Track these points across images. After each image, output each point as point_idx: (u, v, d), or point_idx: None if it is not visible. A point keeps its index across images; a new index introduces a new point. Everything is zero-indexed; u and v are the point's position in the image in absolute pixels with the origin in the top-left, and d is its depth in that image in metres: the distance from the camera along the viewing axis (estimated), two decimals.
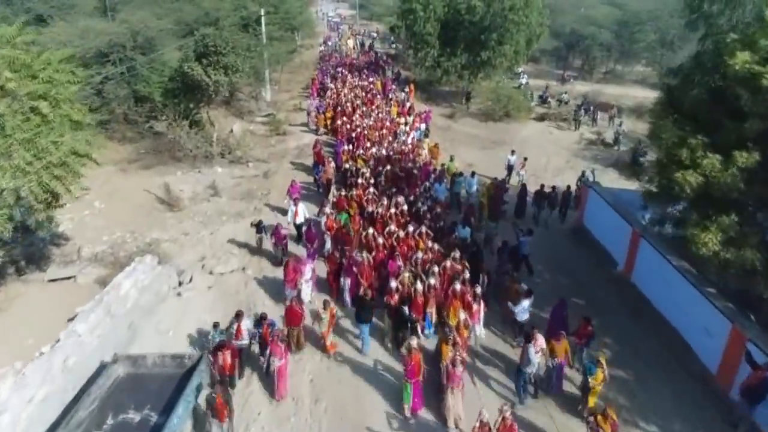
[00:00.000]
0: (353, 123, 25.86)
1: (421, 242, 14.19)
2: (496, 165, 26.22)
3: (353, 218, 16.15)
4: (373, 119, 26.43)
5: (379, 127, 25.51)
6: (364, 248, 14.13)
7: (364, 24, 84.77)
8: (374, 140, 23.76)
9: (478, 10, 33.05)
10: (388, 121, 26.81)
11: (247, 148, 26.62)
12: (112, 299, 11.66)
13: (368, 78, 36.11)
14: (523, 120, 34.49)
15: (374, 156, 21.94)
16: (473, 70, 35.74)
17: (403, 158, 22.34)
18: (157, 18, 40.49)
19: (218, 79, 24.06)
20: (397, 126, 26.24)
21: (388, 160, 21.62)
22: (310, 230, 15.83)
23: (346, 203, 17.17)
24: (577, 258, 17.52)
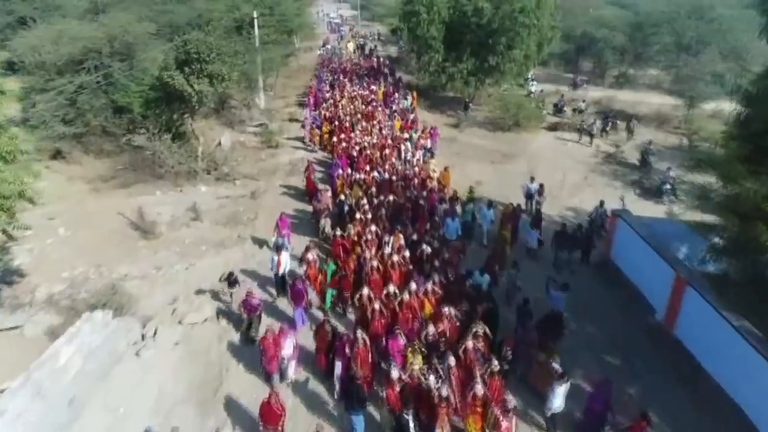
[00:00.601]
0: (352, 140, 23.56)
1: (427, 303, 11.75)
2: (509, 183, 23.98)
3: (347, 266, 13.52)
4: (375, 136, 24.25)
5: (380, 145, 23.03)
6: (357, 312, 11.79)
7: (365, 25, 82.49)
8: (375, 161, 21.36)
9: (486, 13, 30.78)
10: (390, 137, 24.51)
11: (235, 163, 24.41)
12: (45, 375, 9.44)
13: (369, 86, 33.91)
14: (534, 130, 32.17)
15: (375, 181, 19.40)
16: (480, 76, 33.46)
17: (408, 184, 19.77)
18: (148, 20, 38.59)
19: (202, 89, 21.83)
20: (401, 142, 23.88)
21: (391, 187, 18.99)
22: (295, 287, 12.87)
23: (342, 249, 14.58)
24: (605, 300, 15.22)
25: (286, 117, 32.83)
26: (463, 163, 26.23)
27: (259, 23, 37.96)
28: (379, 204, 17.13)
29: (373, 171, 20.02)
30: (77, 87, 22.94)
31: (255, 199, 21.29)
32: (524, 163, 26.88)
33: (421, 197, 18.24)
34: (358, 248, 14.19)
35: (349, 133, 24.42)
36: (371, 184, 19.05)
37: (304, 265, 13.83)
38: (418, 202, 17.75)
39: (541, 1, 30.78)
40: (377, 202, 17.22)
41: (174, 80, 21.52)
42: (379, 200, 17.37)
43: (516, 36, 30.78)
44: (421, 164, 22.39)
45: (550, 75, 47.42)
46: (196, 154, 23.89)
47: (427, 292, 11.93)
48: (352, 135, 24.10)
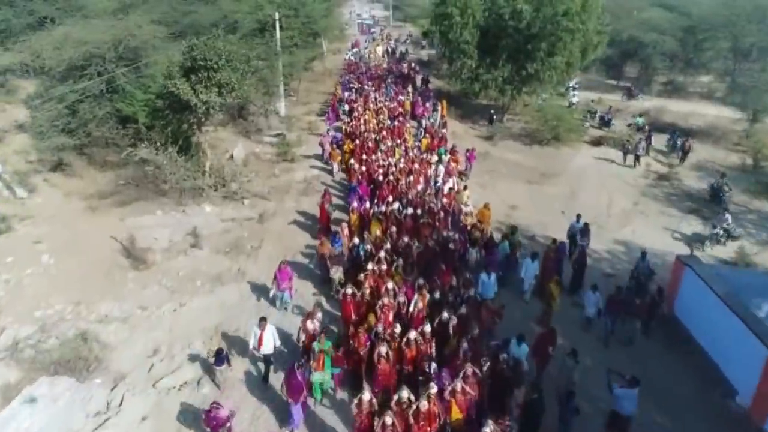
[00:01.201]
0: (375, 162, 20.78)
1: (455, 407, 8.79)
2: (547, 207, 21.39)
3: (356, 339, 10.58)
4: (401, 158, 21.46)
5: (407, 170, 20.07)
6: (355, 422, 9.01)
7: (397, 26, 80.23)
8: (400, 190, 18.39)
9: (525, 16, 28.05)
10: (418, 160, 21.58)
11: (245, 179, 22.37)
12: None
13: (396, 95, 31.52)
14: (574, 145, 29.28)
15: (396, 218, 16.29)
16: (517, 84, 30.70)
17: (434, 221, 16.54)
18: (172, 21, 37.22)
19: (209, 99, 19.84)
20: (428, 166, 21.23)
21: (415, 225, 15.98)
22: (291, 378, 9.59)
23: (354, 310, 11.78)
24: (667, 369, 12.50)
25: (306, 126, 30.75)
26: (495, 182, 23.65)
27: (282, 25, 36.21)
28: (398, 249, 14.31)
29: (395, 202, 17.12)
30: (80, 95, 21.28)
31: (262, 223, 19.17)
32: (564, 184, 24.18)
33: (451, 240, 14.98)
34: (372, 316, 11.49)
35: (372, 154, 21.79)
36: (392, 221, 16.06)
37: (303, 335, 11.09)
38: (447, 248, 14.60)
39: (587, 4, 27.87)
40: (397, 246, 14.46)
41: (179, 89, 19.59)
42: (400, 243, 14.55)
43: (558, 41, 27.96)
44: (453, 193, 19.32)
45: (592, 81, 44.12)
46: (203, 169, 21.96)
47: (455, 391, 8.97)
48: (374, 156, 21.42)
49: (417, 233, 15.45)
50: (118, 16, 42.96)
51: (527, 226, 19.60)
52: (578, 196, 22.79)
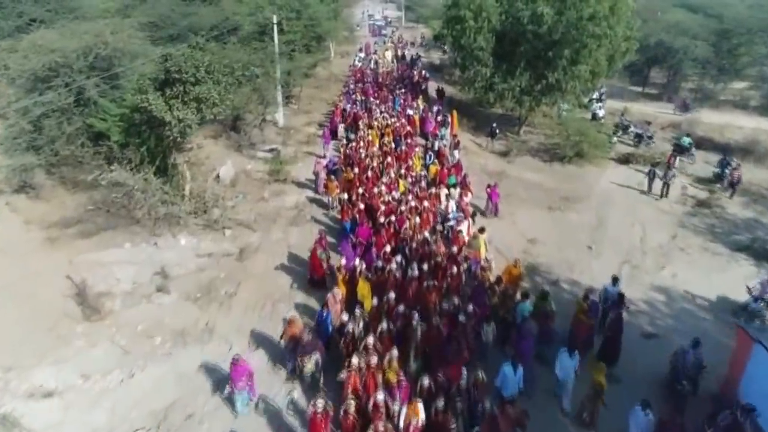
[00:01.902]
0: (376, 197, 17.69)
1: None
2: (573, 241, 18.68)
3: None
4: (407, 191, 18.50)
5: (415, 209, 16.93)
6: None
7: (409, 27, 77.64)
8: (402, 236, 15.33)
9: (546, 20, 25.26)
10: (426, 195, 18.35)
11: (230, 205, 19.92)
12: None
13: (404, 109, 28.58)
14: (599, 162, 26.42)
15: (396, 278, 12.95)
16: (536, 95, 27.90)
17: (444, 282, 13.32)
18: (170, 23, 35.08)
19: (186, 116, 17.42)
20: (438, 200, 18.39)
21: (420, 287, 12.65)
22: None
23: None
24: None
25: (304, 139, 28.28)
26: (513, 208, 20.92)
27: (283, 28, 33.80)
28: (396, 325, 11.13)
29: (396, 254, 14.03)
30: (45, 108, 19.00)
31: (242, 260, 16.69)
32: (590, 210, 21.39)
33: (463, 311, 11.64)
34: None
35: (373, 186, 18.64)
36: (391, 284, 12.60)
37: None
38: (455, 320, 11.32)
39: (615, 7, 25.01)
40: (395, 321, 11.26)
41: (152, 105, 17.19)
42: (397, 320, 11.28)
43: (583, 48, 25.14)
44: (465, 237, 16.00)
45: (614, 88, 41.02)
46: (182, 193, 19.58)
47: None
48: (376, 189, 18.23)
49: (423, 300, 12.33)
50: (113, 18, 41.50)
51: (549, 267, 16.89)
52: (606, 226, 20.00)
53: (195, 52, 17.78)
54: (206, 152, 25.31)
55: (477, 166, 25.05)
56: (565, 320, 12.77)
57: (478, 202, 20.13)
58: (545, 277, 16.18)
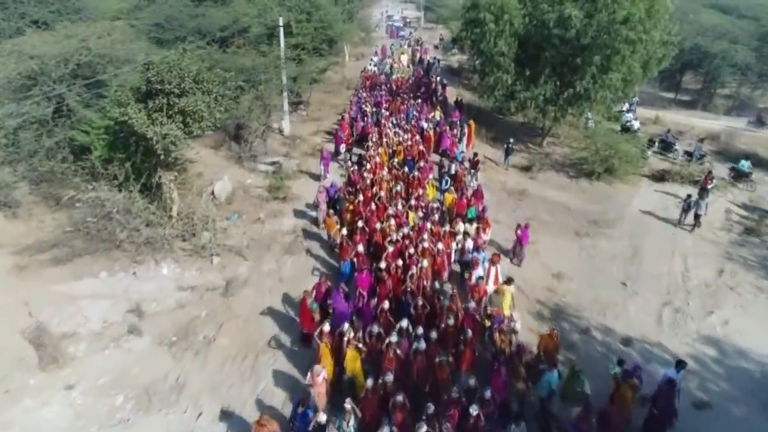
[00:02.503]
0: (382, 232, 15.31)
1: None
2: (606, 277, 16.47)
3: None
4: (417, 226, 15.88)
5: (428, 251, 14.22)
6: None
7: (429, 27, 75.56)
8: (406, 290, 12.69)
9: (575, 23, 22.97)
10: (440, 232, 15.55)
11: (221, 228, 18.07)
12: None
13: (417, 122, 26.03)
14: (631, 179, 24.04)
15: (397, 355, 10.38)
16: (562, 105, 25.59)
17: (456, 352, 11.05)
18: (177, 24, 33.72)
19: (169, 131, 15.59)
20: (453, 238, 15.54)
21: (427, 367, 10.33)
22: None
23: None
24: None
25: (310, 150, 26.37)
26: (536, 235, 18.62)
27: (292, 30, 31.99)
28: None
29: (398, 316, 11.57)
30: (21, 120, 17.41)
31: (228, 296, 14.81)
32: (623, 237, 19.12)
33: (478, 398, 9.32)
34: None
35: (377, 219, 16.02)
36: (390, 360, 10.23)
37: None
38: (465, 412, 8.90)
39: (652, 9, 22.60)
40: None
41: (132, 119, 15.42)
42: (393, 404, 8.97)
43: (615, 55, 22.78)
44: (484, 287, 13.30)
45: (644, 94, 38.37)
46: (170, 213, 17.80)
47: None
48: (379, 225, 15.57)
49: (432, 380, 9.98)
50: (119, 19, 40.19)
51: (578, 309, 14.70)
52: (642, 258, 17.70)
53: (182, 58, 15.90)
54: (204, 164, 23.59)
55: (496, 184, 22.89)
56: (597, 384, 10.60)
57: (500, 232, 17.93)
58: (573, 323, 14.00)
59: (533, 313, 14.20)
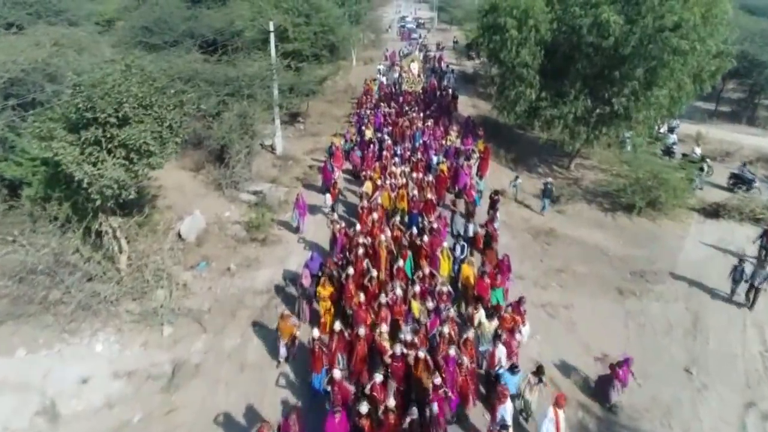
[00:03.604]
0: (370, 338, 10.90)
1: None
2: (661, 357, 12.76)
3: None
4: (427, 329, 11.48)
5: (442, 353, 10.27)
6: None
7: (442, 29, 72.03)
8: None
9: (613, 30, 19.29)
10: (455, 336, 10.97)
11: (181, 284, 14.70)
12: None
13: (426, 153, 21.69)
14: (678, 215, 20.29)
15: None
16: (596, 125, 21.88)
17: None
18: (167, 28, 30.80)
19: (103, 172, 12.21)
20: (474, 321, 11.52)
21: None
22: None
23: None
24: None
25: (301, 174, 22.97)
26: (569, 294, 15.11)
27: (289, 35, 28.68)
28: None
29: None
30: None
31: (172, 391, 11.38)
32: (677, 296, 15.42)
33: None
34: None
35: (366, 316, 11.44)
36: None
37: None
38: None
39: (710, 13, 18.85)
40: None
41: (59, 155, 12.10)
42: None
43: (662, 67, 19.09)
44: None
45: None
46: (117, 265, 14.48)
47: None
48: (365, 329, 10.86)
49: None
50: (105, 22, 37.08)
51: (632, 414, 11.06)
52: (706, 330, 14.01)
53: (125, 77, 12.50)
54: (179, 191, 20.34)
55: (517, 221, 19.31)
56: None
57: (524, 293, 14.32)
58: None
59: (575, 426, 10.58)
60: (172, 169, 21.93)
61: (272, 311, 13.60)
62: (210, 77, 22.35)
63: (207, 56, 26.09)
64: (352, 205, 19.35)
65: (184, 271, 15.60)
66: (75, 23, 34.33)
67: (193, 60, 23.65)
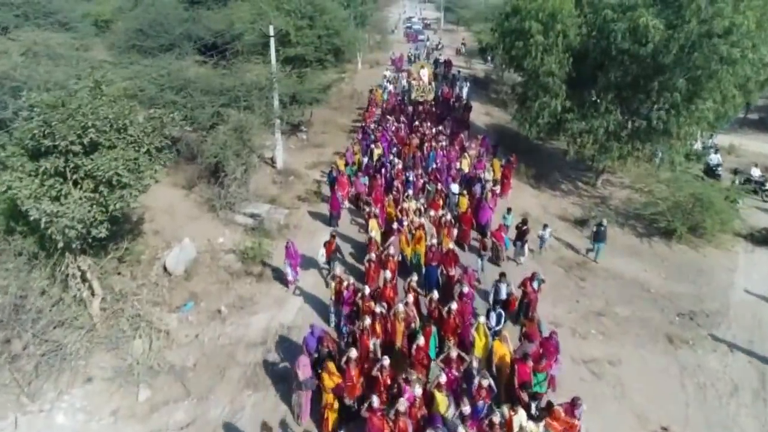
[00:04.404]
0: None
1: None
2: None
3: None
4: None
5: None
6: None
7: (448, 29, 69.96)
8: None
9: (653, 36, 17.21)
10: None
11: (162, 332, 12.70)
12: None
13: (440, 178, 18.89)
14: (723, 241, 18.16)
15: None
16: (630, 140, 19.77)
17: None
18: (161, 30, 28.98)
19: (67, 210, 10.23)
20: None
21: None
22: None
23: None
24: None
25: (304, 193, 20.97)
26: (612, 345, 13.02)
27: (291, 39, 26.73)
28: None
29: None
30: None
31: None
32: (737, 348, 13.25)
33: None
34: None
35: (381, 424, 8.48)
36: None
37: None
38: None
39: (764, 18, 16.73)
40: None
41: (12, 190, 10.13)
42: None
43: (708, 78, 16.98)
44: None
45: None
46: (89, 310, 12.50)
47: None
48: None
49: None
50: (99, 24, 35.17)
51: None
52: None
53: (94, 94, 10.51)
54: (168, 214, 18.38)
55: (547, 252, 17.17)
56: None
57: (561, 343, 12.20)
58: None
59: None
60: (163, 187, 19.93)
61: (268, 371, 11.54)
62: (204, 86, 20.40)
63: (205, 60, 24.28)
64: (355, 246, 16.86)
65: (168, 312, 13.62)
66: (66, 25, 32.56)
67: (187, 67, 21.68)
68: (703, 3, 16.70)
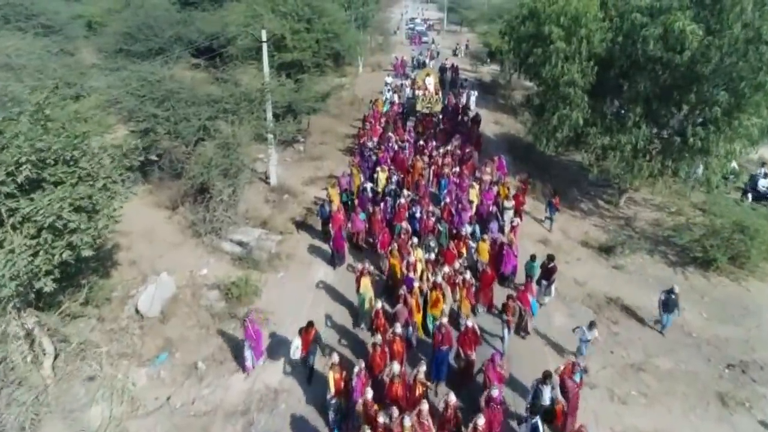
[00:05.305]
0: None
1: None
2: None
3: None
4: None
5: None
6: None
7: (452, 30, 68.01)
8: None
9: (690, 42, 15.23)
10: None
11: (125, 393, 10.77)
12: None
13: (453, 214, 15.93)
14: (763, 273, 16.19)
15: None
16: (662, 159, 17.75)
17: None
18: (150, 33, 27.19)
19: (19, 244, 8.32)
20: None
21: None
22: None
23: None
24: None
25: (299, 215, 19.02)
26: (655, 411, 11.03)
27: (287, 44, 24.87)
28: None
29: None
30: None
31: None
32: None
33: None
34: None
35: None
36: None
37: None
38: None
39: None
40: None
41: None
42: None
43: (756, 89, 14.99)
44: None
45: None
46: (40, 371, 10.57)
47: None
48: None
49: None
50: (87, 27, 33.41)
51: None
52: None
53: (34, 120, 8.60)
54: (147, 239, 16.48)
55: (570, 286, 15.20)
56: None
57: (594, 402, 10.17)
58: None
59: None
60: (145, 207, 18.18)
61: None
62: (189, 97, 18.50)
63: (198, 64, 22.45)
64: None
65: (137, 366, 11.70)
66: (51, 28, 30.71)
67: (171, 75, 19.74)
68: (749, 5, 14.72)
